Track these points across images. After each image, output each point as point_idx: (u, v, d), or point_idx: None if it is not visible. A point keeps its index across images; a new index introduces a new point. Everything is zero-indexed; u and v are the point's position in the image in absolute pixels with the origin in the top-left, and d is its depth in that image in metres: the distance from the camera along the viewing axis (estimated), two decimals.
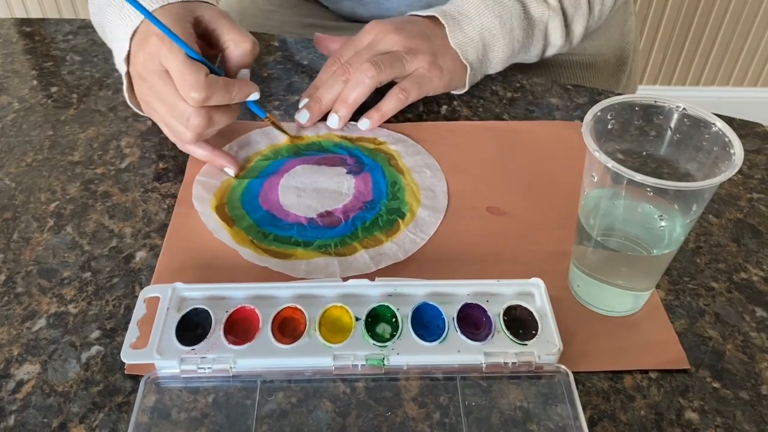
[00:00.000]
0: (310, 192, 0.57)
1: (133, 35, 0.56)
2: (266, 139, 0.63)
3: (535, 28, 0.68)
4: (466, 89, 0.68)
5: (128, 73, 0.58)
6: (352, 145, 0.63)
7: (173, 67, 0.52)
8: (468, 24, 0.65)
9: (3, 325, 0.47)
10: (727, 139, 0.41)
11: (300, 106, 0.64)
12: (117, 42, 0.58)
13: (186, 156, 0.61)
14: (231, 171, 0.59)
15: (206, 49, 0.59)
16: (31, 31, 0.80)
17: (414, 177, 0.59)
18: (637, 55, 0.93)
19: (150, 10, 0.54)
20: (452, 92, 0.69)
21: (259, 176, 0.59)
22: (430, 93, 0.65)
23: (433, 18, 0.66)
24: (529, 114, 0.68)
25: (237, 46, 0.58)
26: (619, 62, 0.88)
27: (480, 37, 0.65)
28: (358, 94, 0.62)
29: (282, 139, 0.63)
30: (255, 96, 0.58)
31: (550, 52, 0.72)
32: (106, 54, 0.76)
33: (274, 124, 0.62)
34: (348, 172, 0.59)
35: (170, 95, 0.54)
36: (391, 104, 0.63)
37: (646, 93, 0.52)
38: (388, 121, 0.65)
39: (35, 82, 0.72)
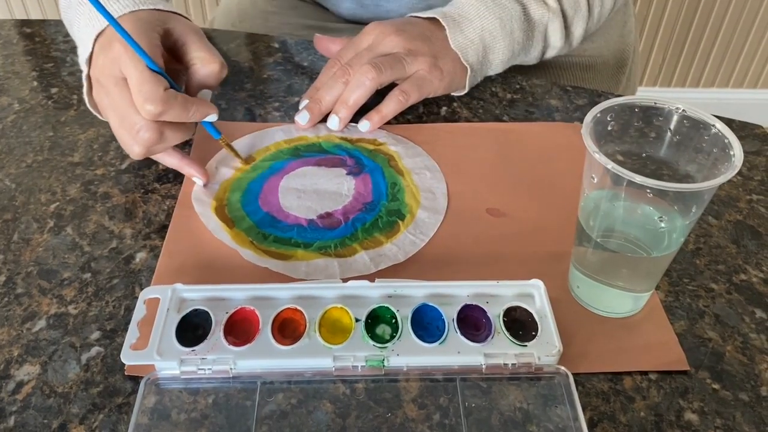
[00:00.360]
0: (310, 193, 0.57)
1: (98, 37, 0.55)
2: (266, 140, 0.63)
3: (535, 29, 0.68)
4: (466, 91, 0.68)
5: (89, 76, 0.57)
6: (351, 146, 0.63)
7: (132, 76, 0.51)
8: (468, 26, 0.65)
9: (3, 326, 0.47)
10: (726, 141, 0.41)
11: (300, 107, 0.64)
12: (82, 42, 0.57)
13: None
14: (200, 181, 0.57)
15: (172, 63, 0.57)
16: (32, 32, 0.80)
17: (414, 178, 0.59)
18: (636, 57, 0.93)
19: (118, 15, 0.53)
20: (452, 94, 0.69)
21: (259, 177, 0.59)
22: (430, 95, 0.65)
23: (433, 20, 0.66)
24: (529, 115, 0.68)
25: (204, 65, 0.56)
26: (619, 64, 0.88)
27: (480, 39, 0.65)
28: (358, 95, 0.62)
29: (278, 138, 0.63)
30: (212, 117, 0.56)
31: (550, 54, 0.73)
32: None
33: (227, 146, 0.60)
34: (348, 174, 0.60)
35: (124, 105, 0.52)
36: (391, 106, 0.63)
37: (645, 94, 0.52)
38: (388, 122, 0.65)
39: (35, 83, 0.72)
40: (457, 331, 0.45)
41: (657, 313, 0.48)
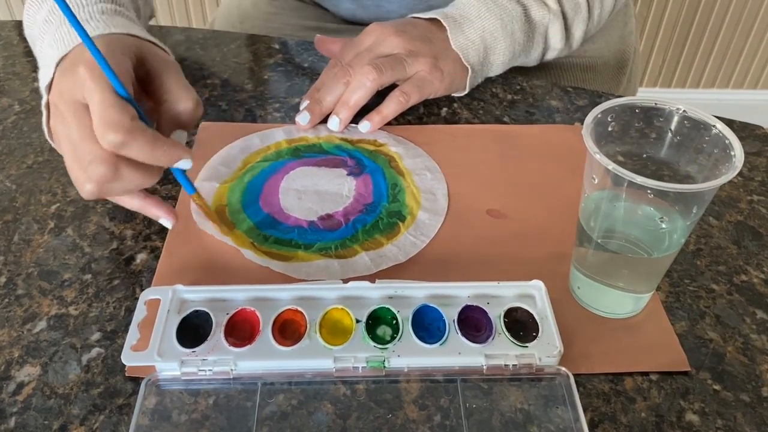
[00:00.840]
0: (311, 194, 0.57)
1: (60, 61, 0.49)
2: (267, 141, 0.63)
3: (536, 31, 0.69)
4: (466, 91, 0.68)
5: (47, 103, 0.50)
6: (352, 147, 0.63)
7: (96, 101, 0.43)
8: (469, 26, 0.65)
9: (3, 327, 0.47)
10: (727, 142, 0.41)
11: (301, 108, 0.64)
12: (44, 65, 0.52)
13: None
14: (168, 223, 0.50)
15: (142, 98, 0.50)
16: None
17: (414, 179, 0.59)
18: (637, 58, 0.93)
19: (91, 35, 0.47)
20: (452, 95, 0.69)
21: (260, 176, 0.59)
22: (430, 96, 0.65)
23: (434, 20, 0.66)
24: (530, 116, 0.68)
25: (177, 102, 0.48)
26: (620, 65, 0.88)
27: (481, 40, 0.65)
28: (359, 96, 0.62)
29: (279, 138, 0.63)
30: (185, 164, 0.47)
31: (550, 55, 0.73)
32: None
33: (201, 207, 0.52)
34: (348, 174, 0.60)
35: (79, 133, 0.44)
36: (391, 107, 0.63)
37: (646, 95, 0.52)
38: (389, 123, 0.65)
39: (36, 85, 0.72)
40: (458, 331, 0.45)
41: (658, 313, 0.48)
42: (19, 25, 0.82)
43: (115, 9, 0.55)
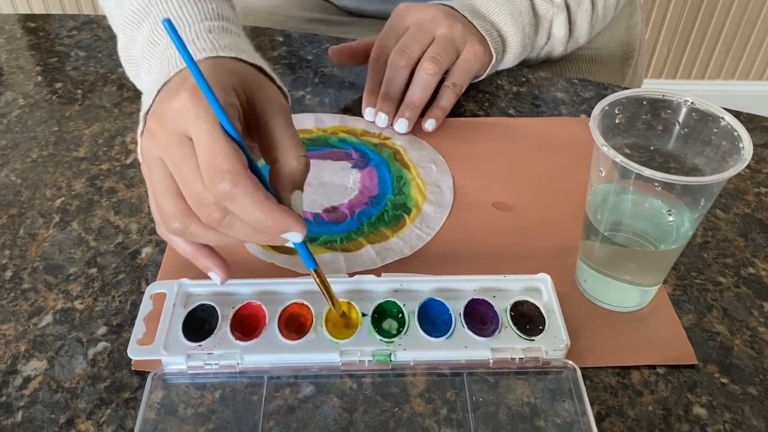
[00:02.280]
0: (316, 187, 0.57)
1: (164, 85, 0.44)
2: None
3: (541, 25, 0.69)
4: (482, 78, 0.68)
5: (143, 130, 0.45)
6: (357, 140, 0.62)
7: (203, 139, 0.38)
8: (486, 17, 0.66)
9: (10, 321, 0.47)
10: (736, 134, 0.41)
11: (369, 117, 0.63)
12: (147, 91, 0.47)
13: None
14: (217, 278, 0.44)
15: (243, 137, 0.41)
16: (36, 26, 0.80)
17: (420, 172, 0.59)
18: (642, 49, 0.93)
19: (197, 58, 0.42)
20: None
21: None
22: (472, 78, 0.65)
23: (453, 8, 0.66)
24: (535, 108, 0.67)
25: (288, 160, 0.41)
26: (625, 56, 0.88)
27: (497, 31, 0.66)
28: (423, 94, 0.62)
29: None
30: (296, 236, 0.40)
31: (557, 50, 0.73)
32: (111, 50, 0.76)
33: (320, 286, 0.44)
34: (353, 167, 0.59)
35: (188, 171, 0.39)
36: (450, 99, 0.63)
37: (650, 87, 0.51)
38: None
39: (40, 78, 0.72)
40: (464, 325, 0.45)
41: (665, 306, 0.48)
42: (22, 19, 0.82)
43: (222, 26, 0.48)
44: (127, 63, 0.54)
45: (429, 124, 0.62)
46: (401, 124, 0.62)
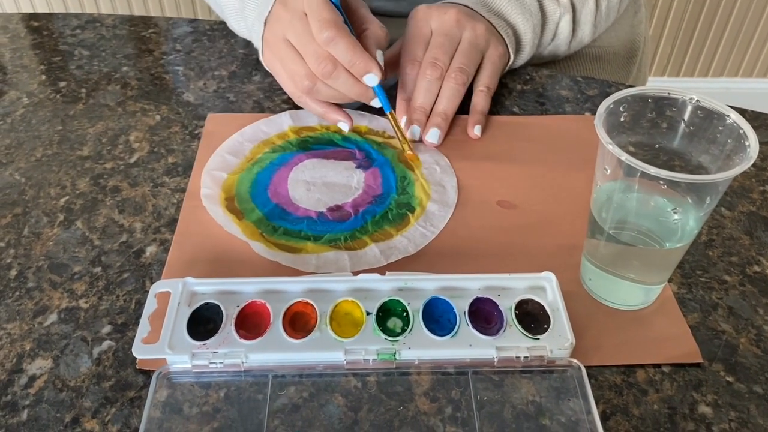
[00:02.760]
0: (320, 186, 0.57)
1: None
2: (273, 127, 0.63)
3: (547, 26, 0.69)
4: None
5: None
6: (361, 139, 0.62)
7: (313, 6, 0.55)
8: (504, 19, 0.66)
9: (15, 320, 0.47)
10: (741, 132, 0.41)
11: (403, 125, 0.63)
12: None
13: (194, 150, 0.61)
14: (345, 126, 0.61)
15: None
16: (39, 25, 0.80)
17: (424, 172, 0.59)
18: (647, 47, 0.93)
19: None
20: None
21: (268, 168, 0.59)
22: None
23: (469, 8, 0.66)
24: (539, 106, 0.67)
25: (375, 29, 0.59)
26: (630, 54, 0.88)
27: (512, 30, 0.66)
28: (454, 105, 0.62)
29: (286, 127, 0.63)
30: (371, 79, 0.57)
31: (561, 50, 0.73)
32: (114, 48, 0.76)
33: (394, 126, 0.60)
34: (357, 167, 0.59)
35: (304, 35, 0.56)
36: (487, 102, 0.64)
37: (654, 84, 0.51)
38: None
39: (44, 77, 0.72)
40: (469, 324, 0.45)
41: (670, 305, 0.48)
42: (26, 18, 0.82)
43: None
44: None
45: (477, 129, 0.63)
46: (433, 134, 0.61)
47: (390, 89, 0.64)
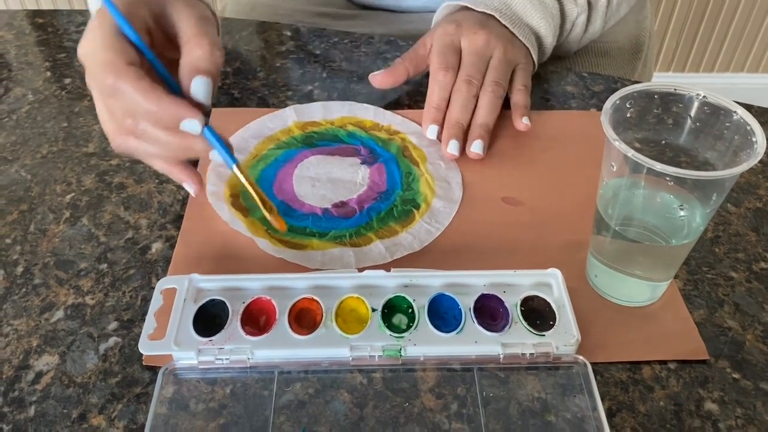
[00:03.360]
0: (325, 182, 0.57)
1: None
2: (278, 122, 0.63)
3: (564, 26, 0.69)
4: None
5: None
6: (366, 135, 0.62)
7: (98, 41, 0.41)
8: (524, 21, 0.66)
9: (21, 316, 0.47)
10: (748, 128, 0.41)
11: (430, 134, 0.61)
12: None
13: None
14: (191, 189, 0.48)
15: (171, 51, 0.46)
16: (44, 22, 0.80)
17: (428, 168, 0.59)
18: (652, 42, 0.92)
19: None
20: None
21: (273, 164, 0.59)
22: None
23: (489, 15, 0.66)
24: (545, 102, 0.67)
25: (192, 48, 0.43)
26: (635, 49, 0.87)
27: (535, 36, 0.67)
28: (493, 116, 0.62)
29: (290, 122, 0.63)
30: (188, 125, 0.42)
31: (572, 47, 0.73)
32: None
33: (247, 181, 0.46)
34: (362, 163, 0.59)
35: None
36: (527, 97, 0.64)
37: (659, 80, 0.51)
38: (404, 109, 0.65)
39: (49, 74, 0.72)
40: (474, 320, 0.45)
41: (676, 302, 0.48)
42: (31, 14, 0.82)
43: None
44: None
45: (525, 119, 0.62)
46: (477, 145, 0.60)
47: (396, 88, 0.64)
